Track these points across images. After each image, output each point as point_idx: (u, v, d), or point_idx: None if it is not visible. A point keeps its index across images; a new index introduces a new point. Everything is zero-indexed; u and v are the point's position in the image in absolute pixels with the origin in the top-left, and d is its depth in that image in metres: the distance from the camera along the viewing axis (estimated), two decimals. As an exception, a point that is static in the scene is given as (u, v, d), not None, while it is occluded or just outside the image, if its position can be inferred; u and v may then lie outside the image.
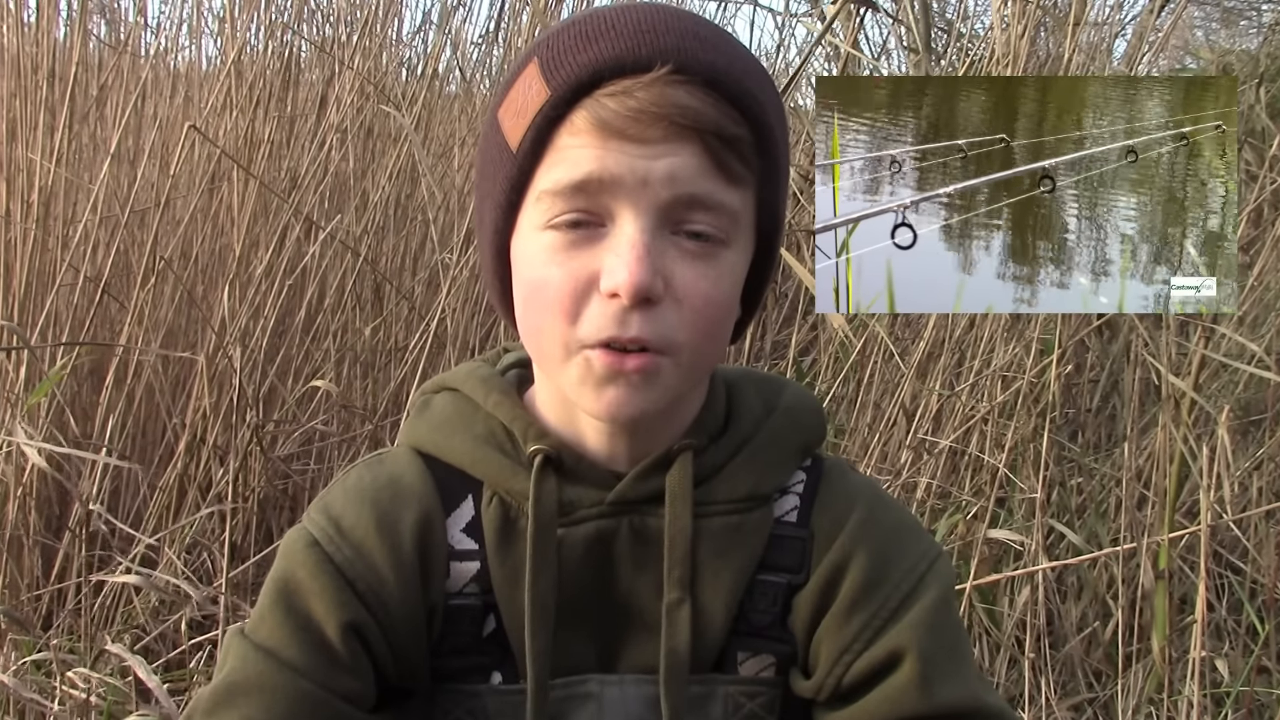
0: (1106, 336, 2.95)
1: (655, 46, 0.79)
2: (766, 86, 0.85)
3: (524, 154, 0.82)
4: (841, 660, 0.88)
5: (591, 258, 0.80)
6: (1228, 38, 4.36)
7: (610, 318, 0.80)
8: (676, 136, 0.79)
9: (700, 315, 0.81)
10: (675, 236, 0.81)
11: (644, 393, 0.82)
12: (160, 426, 2.46)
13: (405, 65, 3.21)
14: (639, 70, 0.79)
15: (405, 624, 0.87)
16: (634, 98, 0.78)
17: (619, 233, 0.80)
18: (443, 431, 0.91)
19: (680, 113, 0.78)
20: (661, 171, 0.79)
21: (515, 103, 0.83)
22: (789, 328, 2.75)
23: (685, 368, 0.83)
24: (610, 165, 0.79)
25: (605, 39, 0.80)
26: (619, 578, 0.88)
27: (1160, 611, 1.94)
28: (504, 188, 0.84)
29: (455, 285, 2.39)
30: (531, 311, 0.84)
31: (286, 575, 0.87)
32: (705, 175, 0.80)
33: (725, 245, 0.82)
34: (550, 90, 0.80)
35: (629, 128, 0.78)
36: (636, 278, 0.78)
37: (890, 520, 0.92)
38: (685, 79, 0.79)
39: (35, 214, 2.40)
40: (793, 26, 3.53)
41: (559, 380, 0.85)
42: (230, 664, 0.86)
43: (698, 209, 0.80)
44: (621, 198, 0.79)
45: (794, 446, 0.92)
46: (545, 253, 0.82)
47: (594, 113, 0.79)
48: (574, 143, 0.80)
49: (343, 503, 0.89)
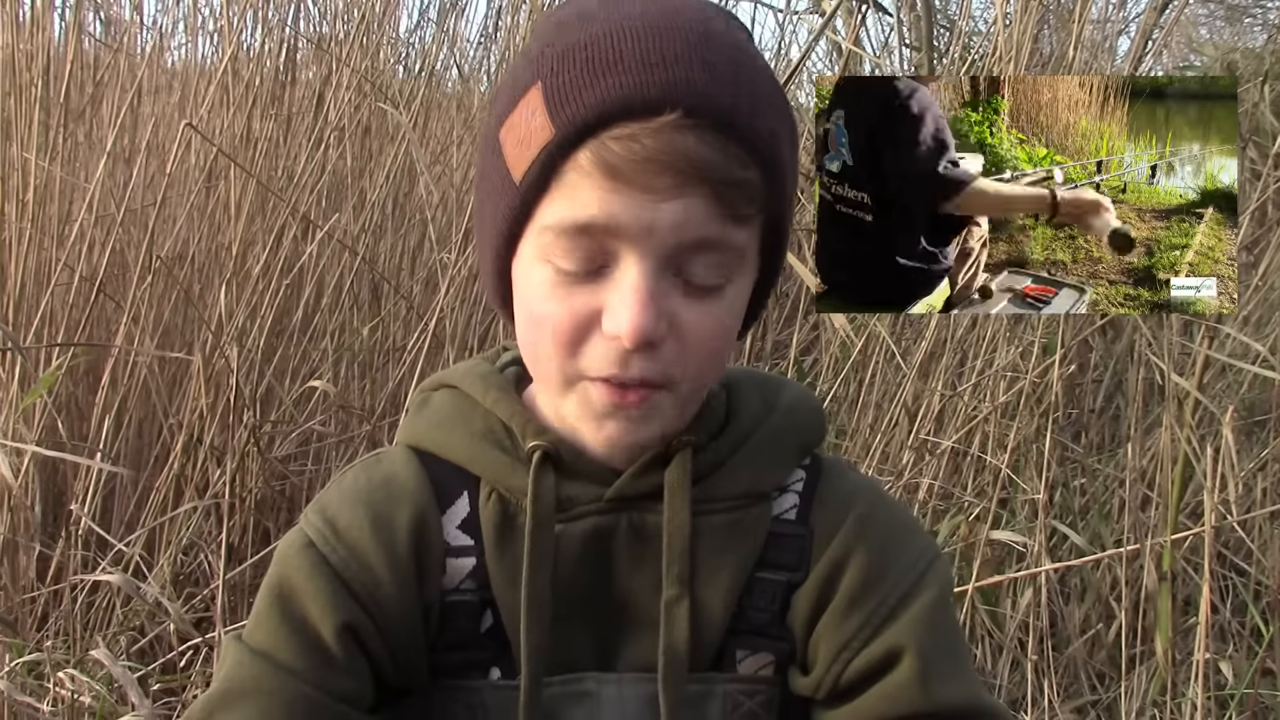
0: (1110, 336, 2.94)
1: (664, 86, 0.77)
2: (779, 114, 0.83)
3: (527, 187, 0.80)
4: (840, 657, 0.87)
5: (593, 295, 0.80)
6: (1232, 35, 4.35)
7: (612, 358, 0.80)
8: (683, 185, 0.77)
9: (702, 352, 0.82)
10: (680, 276, 0.80)
11: (643, 426, 0.83)
12: (156, 427, 2.46)
13: (403, 63, 3.19)
14: (647, 114, 0.76)
15: (402, 624, 0.86)
16: (640, 145, 0.76)
17: (623, 275, 0.79)
18: (441, 429, 0.91)
19: (688, 162, 0.76)
20: (667, 219, 0.77)
21: (518, 129, 0.81)
22: (790, 327, 2.74)
23: (684, 397, 0.84)
24: (615, 212, 0.77)
25: (612, 75, 0.77)
26: (617, 574, 0.88)
27: (1164, 613, 1.94)
28: (506, 215, 0.82)
29: (454, 285, 2.37)
30: (531, 340, 0.84)
31: (282, 578, 0.87)
32: (712, 220, 0.78)
33: (729, 281, 0.82)
34: (554, 129, 0.78)
35: (635, 175, 0.76)
36: (640, 325, 0.78)
37: (889, 518, 0.92)
38: (694, 123, 0.76)
39: (30, 213, 2.40)
40: (795, 24, 3.51)
41: (559, 406, 0.85)
42: (226, 669, 0.85)
43: (704, 250, 0.79)
44: (625, 242, 0.78)
45: (793, 446, 0.92)
46: (546, 287, 0.81)
47: (599, 155, 0.77)
48: (578, 181, 0.78)
49: (338, 504, 0.89)
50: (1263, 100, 3.05)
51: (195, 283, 2.57)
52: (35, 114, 2.43)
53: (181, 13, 2.89)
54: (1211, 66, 4.04)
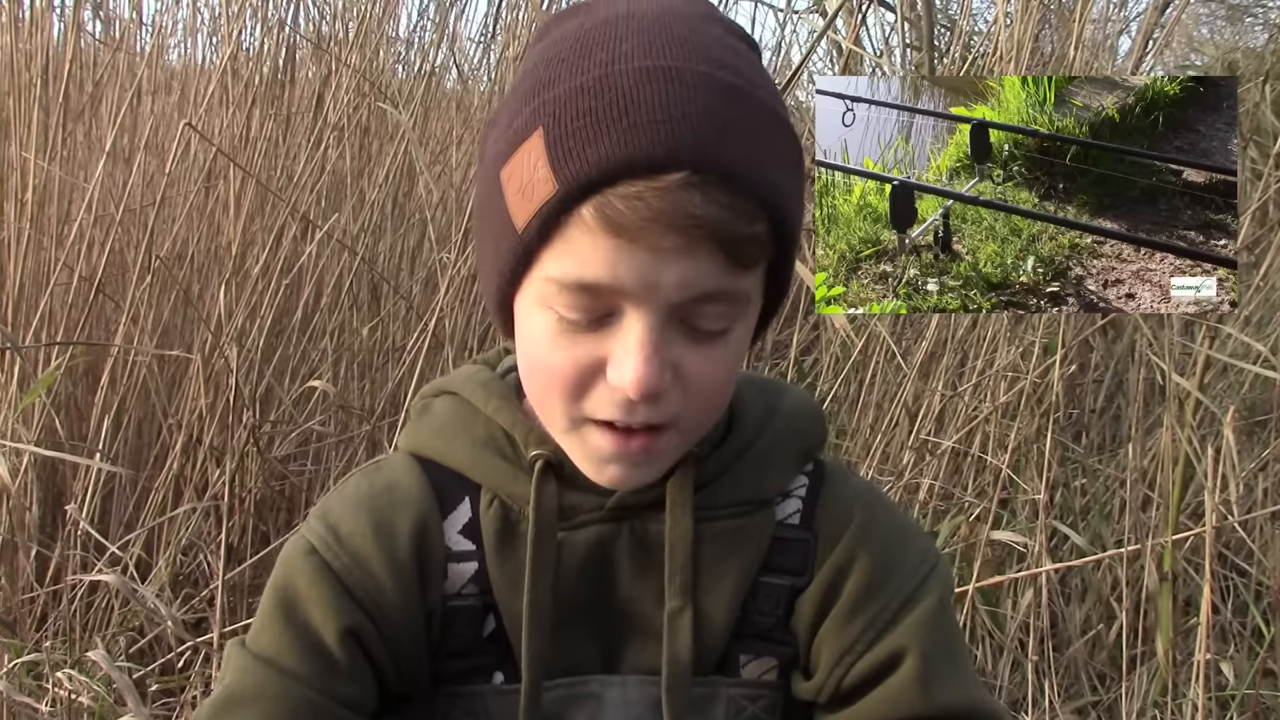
0: (1111, 336, 2.94)
1: (671, 145, 0.74)
2: (786, 160, 0.81)
3: (529, 238, 0.78)
4: (843, 661, 0.88)
5: (597, 345, 0.79)
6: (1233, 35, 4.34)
7: (616, 405, 0.80)
8: (690, 244, 0.75)
9: (706, 396, 0.82)
10: (685, 323, 0.79)
11: (646, 468, 0.84)
12: (156, 427, 2.45)
13: (402, 62, 3.19)
14: (652, 172, 0.74)
15: (404, 629, 0.87)
16: (647, 204, 0.74)
17: (627, 328, 0.78)
18: (443, 436, 0.91)
19: (695, 222, 0.74)
20: (673, 277, 0.76)
21: (519, 175, 0.78)
22: (790, 327, 2.73)
23: (688, 435, 0.84)
24: (620, 272, 0.76)
25: (616, 129, 0.75)
26: (619, 583, 0.89)
27: (1165, 614, 1.94)
28: (508, 260, 0.81)
29: (453, 285, 2.37)
30: (534, 382, 0.84)
31: (285, 584, 0.87)
32: (718, 273, 0.77)
33: (736, 324, 0.81)
34: (557, 184, 0.76)
35: (641, 235, 0.74)
36: (646, 379, 0.77)
37: (892, 523, 0.93)
38: (701, 180, 0.74)
39: (30, 213, 2.39)
40: (795, 23, 3.51)
41: (561, 442, 0.85)
42: (230, 675, 0.86)
43: (709, 302, 0.78)
44: (630, 299, 0.77)
45: (795, 451, 0.92)
46: (549, 335, 0.80)
47: (603, 212, 0.75)
48: (581, 236, 0.76)
49: (340, 511, 0.89)
50: (1264, 100, 3.05)
51: (194, 282, 2.57)
52: (35, 114, 2.43)
53: (181, 12, 2.89)
54: (1212, 66, 4.03)
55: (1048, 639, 2.15)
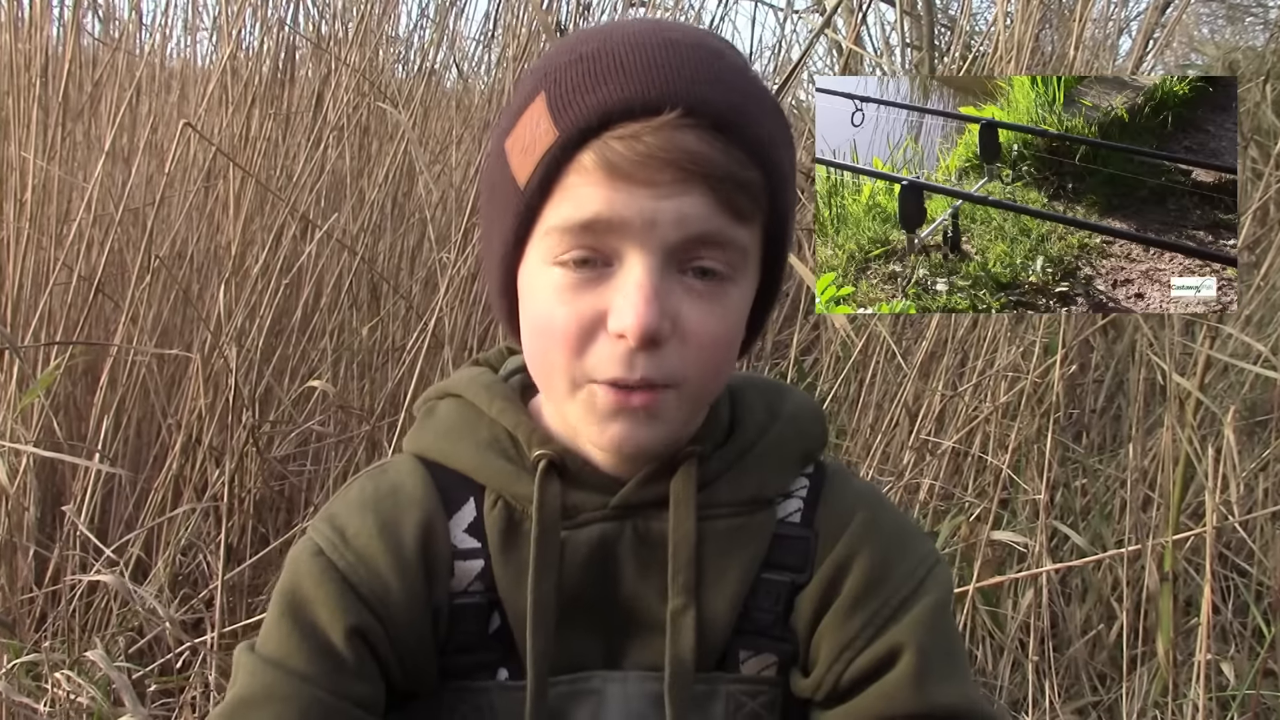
0: (1111, 336, 2.94)
1: (665, 89, 0.79)
2: (777, 126, 0.85)
3: (532, 191, 0.82)
4: (842, 657, 0.89)
5: (598, 297, 0.81)
6: (1233, 34, 4.34)
7: (617, 359, 0.81)
8: (685, 180, 0.79)
9: (706, 352, 0.82)
10: (683, 275, 0.81)
11: (648, 428, 0.83)
12: (155, 427, 2.45)
13: (402, 62, 3.18)
14: (648, 114, 0.78)
15: (410, 628, 0.88)
16: (642, 142, 0.78)
17: (627, 274, 0.80)
18: (448, 439, 0.92)
19: (689, 158, 0.78)
20: (670, 214, 0.79)
21: (522, 138, 0.83)
22: (790, 327, 2.73)
23: (689, 400, 0.85)
24: (618, 207, 0.79)
25: (614, 80, 0.80)
26: (623, 580, 0.89)
27: (1165, 614, 1.94)
28: (512, 223, 0.84)
29: (453, 284, 2.36)
30: (537, 345, 0.85)
31: (292, 586, 0.88)
32: (714, 215, 0.80)
33: (732, 281, 0.83)
34: (558, 131, 0.80)
35: (637, 172, 0.78)
36: (644, 321, 0.79)
37: (892, 523, 0.94)
38: (694, 123, 0.78)
39: (29, 213, 2.39)
40: (795, 22, 3.51)
41: (564, 411, 0.86)
42: (240, 679, 0.87)
43: (706, 246, 0.81)
44: (629, 238, 0.80)
45: (797, 453, 0.93)
46: (552, 290, 0.82)
47: (602, 155, 0.79)
48: (581, 182, 0.80)
49: (346, 512, 0.90)
50: (1264, 100, 3.05)
51: (194, 282, 2.56)
52: (34, 113, 2.43)
53: (180, 11, 2.88)
54: (1213, 66, 4.03)
55: (1048, 639, 2.15)
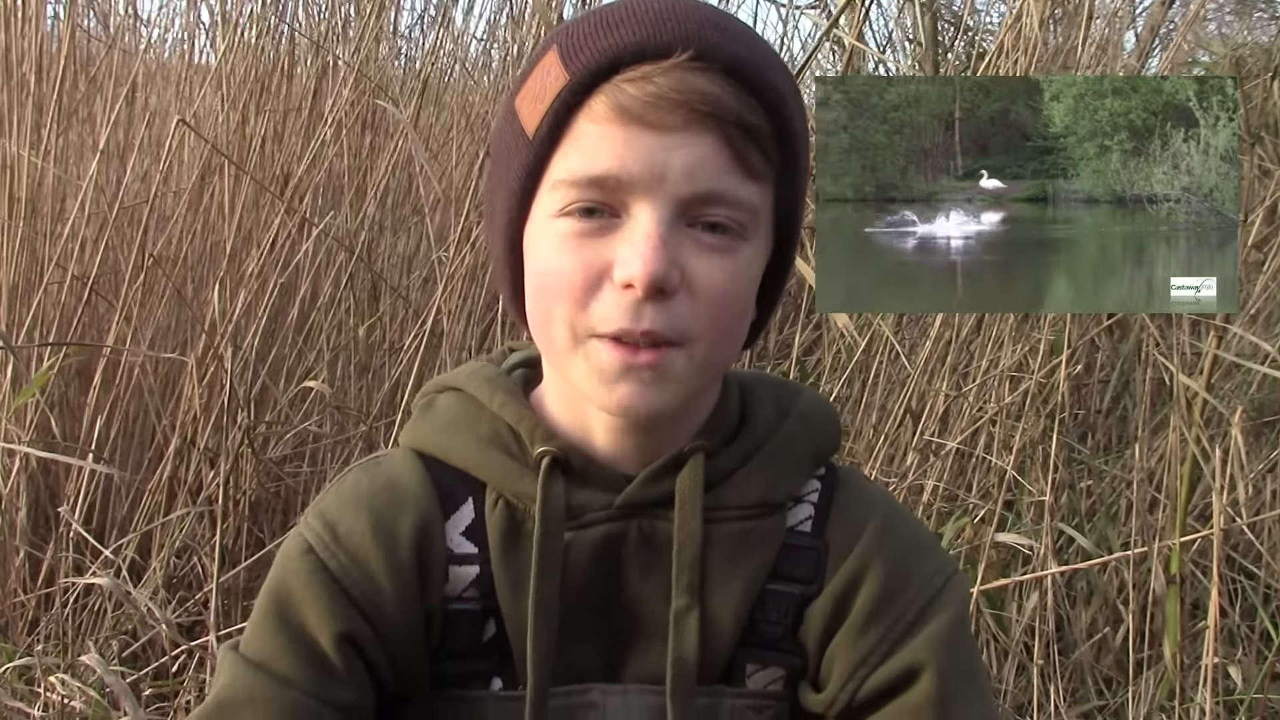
0: (1117, 336, 2.92)
1: (676, 33, 0.79)
2: (787, 80, 0.84)
3: (540, 139, 0.81)
4: (856, 674, 0.86)
5: (605, 248, 0.80)
6: (1241, 30, 4.30)
7: (623, 309, 0.79)
8: (696, 124, 0.78)
9: (716, 308, 0.80)
10: (692, 229, 0.80)
11: (656, 388, 0.80)
12: (149, 428, 2.43)
13: (401, 59, 3.17)
14: (659, 56, 0.78)
15: (402, 632, 0.85)
16: (653, 83, 0.78)
17: (634, 223, 0.79)
18: (447, 433, 0.90)
19: (700, 99, 0.78)
20: (680, 165, 0.78)
21: (533, 90, 0.82)
22: (793, 327, 2.71)
23: (698, 362, 0.82)
24: (629, 162, 0.78)
25: (626, 26, 0.80)
26: (626, 583, 0.87)
27: (1172, 617, 1.93)
28: (519, 175, 0.83)
29: (451, 284, 2.35)
30: (542, 299, 0.83)
31: (280, 585, 0.86)
32: (725, 170, 0.79)
33: (743, 239, 0.81)
34: (569, 75, 0.80)
35: (648, 114, 0.78)
36: (652, 267, 0.77)
37: (907, 533, 0.91)
38: (705, 65, 0.78)
39: (23, 212, 2.38)
40: (797, 19, 3.49)
41: (568, 372, 0.83)
42: (222, 679, 0.84)
43: (716, 203, 0.79)
44: (638, 191, 0.78)
45: (808, 453, 0.91)
46: (558, 240, 0.81)
47: (613, 98, 0.78)
48: (592, 129, 0.79)
49: (339, 508, 0.87)
50: (1272, 96, 3.03)
51: (189, 282, 2.55)
52: (28, 111, 2.42)
53: (176, 7, 2.86)
54: (1220, 62, 4.01)
55: (1053, 642, 2.13)
